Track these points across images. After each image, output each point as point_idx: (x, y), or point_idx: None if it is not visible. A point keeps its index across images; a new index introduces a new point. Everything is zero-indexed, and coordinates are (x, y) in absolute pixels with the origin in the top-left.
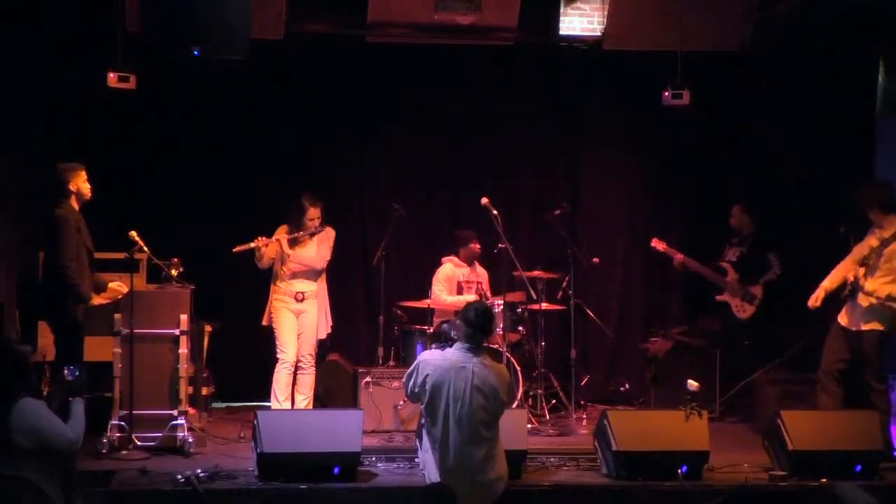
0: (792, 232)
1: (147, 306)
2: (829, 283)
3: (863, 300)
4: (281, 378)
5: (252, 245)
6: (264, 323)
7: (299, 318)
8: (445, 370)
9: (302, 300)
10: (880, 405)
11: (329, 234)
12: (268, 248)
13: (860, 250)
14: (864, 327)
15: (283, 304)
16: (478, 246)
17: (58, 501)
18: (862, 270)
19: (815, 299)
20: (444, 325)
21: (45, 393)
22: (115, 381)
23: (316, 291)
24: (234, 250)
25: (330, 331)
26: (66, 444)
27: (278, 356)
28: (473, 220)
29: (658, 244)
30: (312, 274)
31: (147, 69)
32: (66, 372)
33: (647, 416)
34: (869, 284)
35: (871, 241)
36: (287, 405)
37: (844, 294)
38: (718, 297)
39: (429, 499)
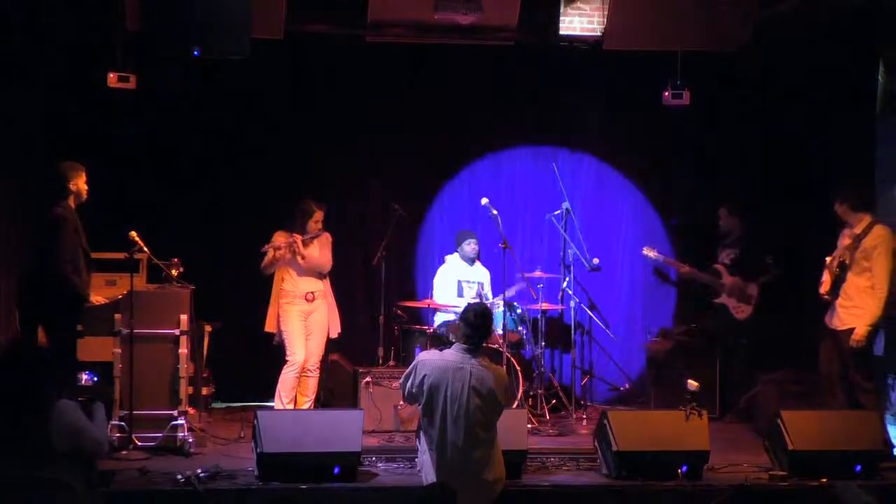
0: (791, 232)
1: (147, 306)
2: (824, 289)
3: (842, 300)
4: (288, 380)
5: (277, 243)
6: (267, 329)
7: (308, 319)
8: (443, 371)
9: (312, 300)
10: (868, 404)
11: (329, 238)
12: (284, 248)
13: (837, 253)
14: (844, 326)
15: (292, 306)
16: (476, 246)
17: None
18: (837, 271)
19: (825, 288)
20: (441, 329)
21: None
22: (115, 381)
23: (324, 291)
24: (262, 249)
25: (340, 330)
26: (98, 447)
27: (287, 359)
28: (473, 219)
29: (649, 252)
30: (318, 274)
31: (147, 69)
32: (84, 377)
33: (647, 416)
34: (846, 283)
35: (844, 240)
36: (290, 408)
37: (825, 296)
38: (715, 300)
39: (428, 499)
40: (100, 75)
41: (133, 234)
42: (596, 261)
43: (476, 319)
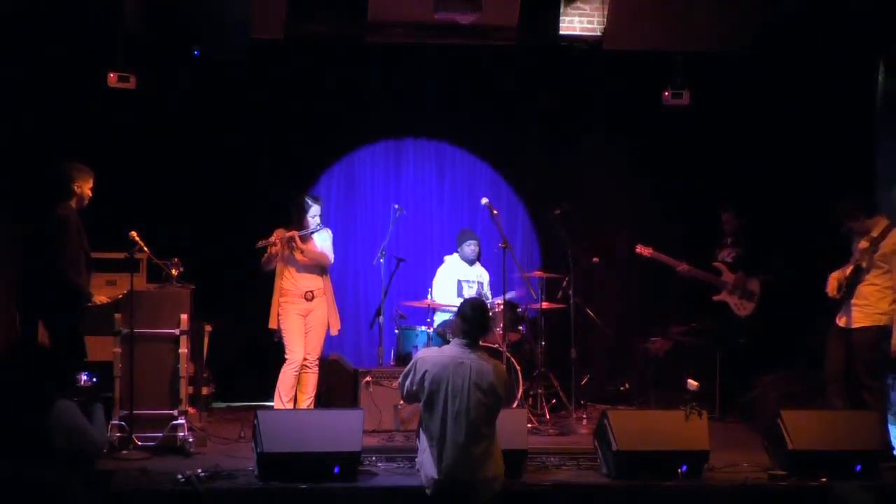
0: (791, 231)
1: (147, 306)
2: (831, 289)
3: (857, 299)
4: (287, 378)
5: (272, 239)
6: (271, 326)
7: (308, 317)
8: (444, 366)
9: (311, 299)
10: (872, 403)
11: (329, 233)
12: (280, 245)
13: (854, 258)
14: (858, 325)
15: (292, 305)
16: (476, 247)
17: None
18: (850, 270)
19: (831, 289)
20: (440, 328)
21: None
22: (115, 381)
23: (323, 289)
24: (258, 245)
25: (340, 327)
26: (98, 447)
27: (286, 357)
28: (474, 219)
29: (643, 250)
30: (318, 270)
31: (147, 69)
32: (83, 378)
33: (647, 416)
34: (863, 284)
35: (862, 244)
36: (290, 406)
37: (840, 295)
38: (716, 298)
39: (427, 494)
40: (100, 75)
41: (133, 234)
42: (596, 260)
43: (472, 313)
